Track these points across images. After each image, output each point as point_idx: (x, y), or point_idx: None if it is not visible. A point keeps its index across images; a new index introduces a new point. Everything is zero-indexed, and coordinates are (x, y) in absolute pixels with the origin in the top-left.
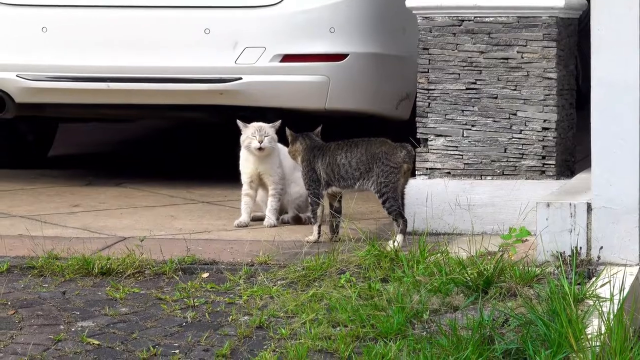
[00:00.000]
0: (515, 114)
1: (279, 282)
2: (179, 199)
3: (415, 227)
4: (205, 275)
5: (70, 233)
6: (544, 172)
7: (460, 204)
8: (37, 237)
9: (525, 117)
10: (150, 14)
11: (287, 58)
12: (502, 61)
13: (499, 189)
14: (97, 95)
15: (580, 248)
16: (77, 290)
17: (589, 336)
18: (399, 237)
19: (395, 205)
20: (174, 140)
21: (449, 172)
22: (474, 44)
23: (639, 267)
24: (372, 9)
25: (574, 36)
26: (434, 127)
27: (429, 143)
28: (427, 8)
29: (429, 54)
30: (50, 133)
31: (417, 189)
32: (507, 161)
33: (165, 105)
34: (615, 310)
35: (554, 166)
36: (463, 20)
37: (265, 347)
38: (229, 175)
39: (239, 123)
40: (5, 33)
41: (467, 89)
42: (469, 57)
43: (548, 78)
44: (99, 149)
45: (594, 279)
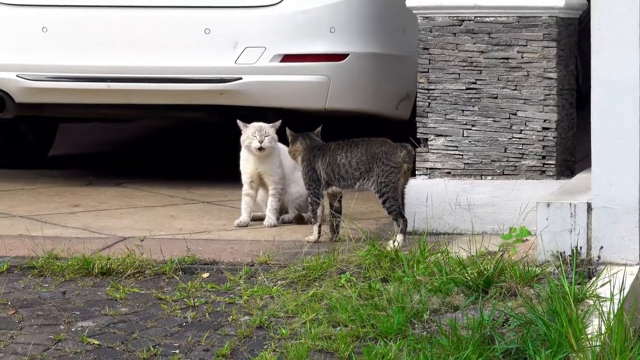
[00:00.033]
0: (515, 114)
1: (279, 282)
2: (179, 199)
3: (416, 227)
4: (205, 275)
5: (71, 233)
6: (544, 172)
7: (460, 203)
8: (37, 237)
9: (526, 117)
10: (150, 14)
11: (287, 58)
12: (502, 61)
13: (499, 188)
14: (97, 95)
15: (581, 248)
16: (77, 290)
17: (589, 336)
18: (399, 237)
19: (395, 205)
20: (174, 140)
21: (449, 172)
22: (474, 43)
23: (639, 266)
24: (372, 9)
25: (574, 36)
26: (434, 127)
27: (429, 143)
28: (427, 8)
29: (429, 54)
30: (51, 133)
31: (417, 188)
32: (507, 161)
33: (166, 105)
34: (615, 310)
35: (554, 166)
36: (463, 20)
37: (265, 347)
38: (229, 175)
39: (239, 123)
40: (5, 33)
41: (467, 88)
42: (469, 57)
43: (548, 78)
44: (99, 149)
45: (594, 278)
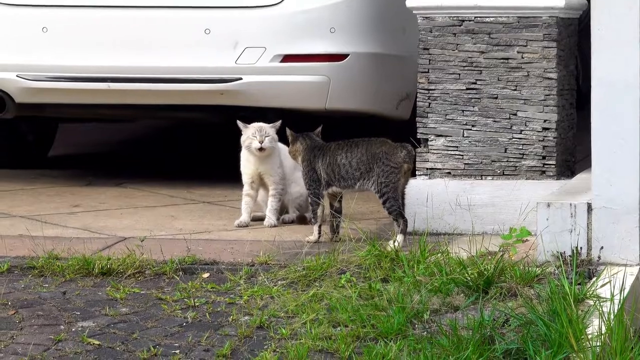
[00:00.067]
0: (515, 114)
1: (279, 282)
2: (180, 199)
3: (416, 227)
4: (205, 275)
5: (71, 233)
6: (544, 172)
7: (460, 204)
8: (37, 237)
9: (526, 117)
10: (150, 14)
11: (288, 58)
12: (503, 61)
13: (499, 189)
14: (97, 96)
15: (581, 248)
16: (78, 290)
17: (589, 336)
18: (399, 237)
19: (395, 205)
20: (174, 140)
21: (449, 172)
22: (474, 44)
23: (639, 267)
24: (372, 9)
25: (574, 36)
26: (434, 127)
27: (429, 143)
28: (428, 8)
29: (429, 54)
30: (50, 133)
31: (417, 189)
32: (507, 161)
33: (166, 105)
34: (615, 310)
35: (554, 166)
36: (463, 21)
37: (265, 347)
38: (229, 175)
39: (239, 124)
40: (5, 33)
41: (467, 89)
42: (469, 57)
43: (548, 78)
44: (99, 149)
45: (594, 279)
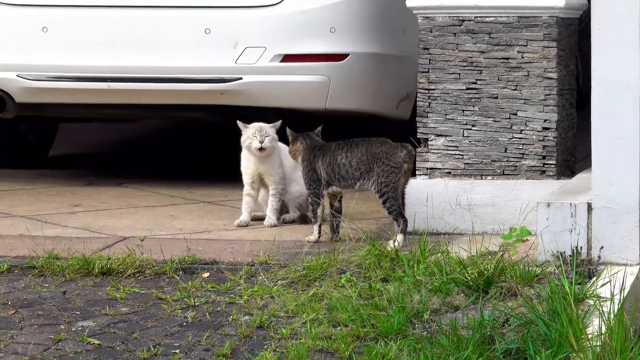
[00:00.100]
0: (515, 114)
1: (279, 282)
2: (180, 199)
3: (416, 226)
4: (205, 275)
5: (71, 233)
6: (544, 172)
7: (460, 203)
8: (37, 237)
9: (526, 117)
10: (150, 14)
11: (288, 58)
12: (503, 61)
13: (499, 188)
14: (97, 95)
15: (581, 248)
16: (78, 290)
17: (589, 336)
18: (399, 237)
19: (395, 205)
20: (174, 140)
21: (449, 172)
22: (475, 43)
23: (639, 266)
24: (372, 9)
25: (574, 36)
26: (434, 127)
27: (429, 143)
28: (428, 8)
29: (429, 54)
30: (51, 133)
31: (417, 188)
32: (507, 161)
33: (166, 105)
34: (615, 310)
35: (554, 166)
36: (463, 20)
37: (265, 346)
38: (229, 175)
39: (239, 124)
40: (5, 33)
41: (467, 88)
42: (469, 57)
43: (548, 78)
44: (100, 148)
45: (594, 278)
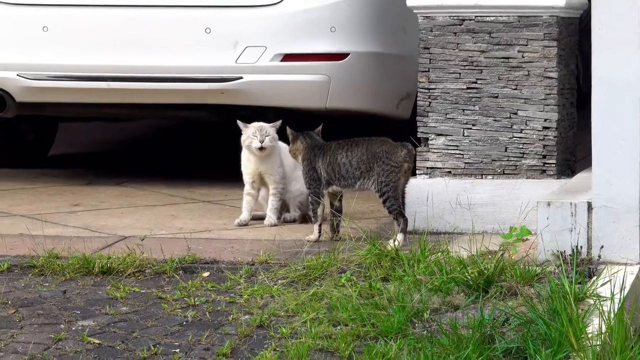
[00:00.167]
0: (516, 113)
1: (279, 281)
2: (180, 198)
3: (416, 226)
4: (205, 274)
5: (71, 232)
6: (544, 171)
7: (460, 203)
8: (37, 236)
9: (526, 116)
10: (151, 14)
11: (288, 57)
12: (503, 60)
13: (499, 188)
14: (97, 95)
15: (581, 247)
16: (78, 289)
17: (589, 335)
18: (399, 236)
19: (395, 205)
20: (174, 140)
21: (449, 172)
22: (475, 43)
23: (639, 266)
24: (372, 9)
25: (574, 35)
26: (434, 127)
27: (429, 142)
28: (428, 7)
29: (429, 53)
30: (51, 132)
31: (417, 188)
32: (507, 160)
33: (166, 104)
34: (615, 310)
35: (554, 165)
36: (464, 20)
37: (265, 346)
38: (229, 174)
39: (239, 123)
40: (6, 32)
41: (467, 88)
42: (469, 57)
43: (549, 77)
44: (100, 148)
45: (594, 278)
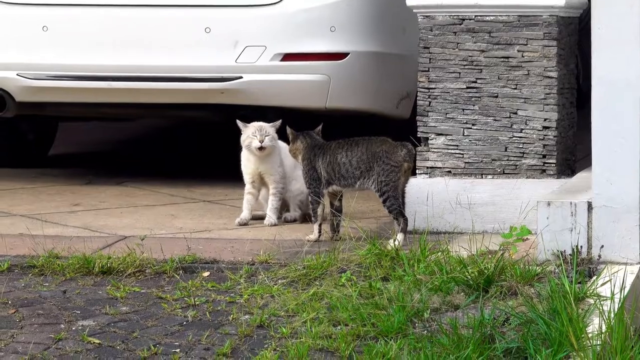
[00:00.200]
0: (515, 113)
1: (279, 281)
2: (180, 198)
3: (416, 226)
4: (206, 274)
5: (71, 232)
6: (544, 171)
7: (460, 202)
8: (37, 236)
9: (526, 116)
10: (151, 13)
11: (288, 57)
12: (503, 60)
13: (499, 187)
14: (97, 94)
15: (581, 247)
16: (78, 289)
17: (589, 335)
18: (399, 236)
19: (395, 204)
20: (174, 140)
21: (449, 171)
22: (475, 42)
23: (639, 265)
24: (372, 8)
25: (574, 35)
26: (434, 126)
27: (429, 142)
28: (428, 7)
29: (429, 53)
30: (51, 132)
31: (417, 187)
32: (507, 160)
33: (166, 104)
34: (616, 309)
35: (554, 165)
36: (464, 19)
37: (266, 346)
38: (229, 174)
39: (239, 123)
40: (5, 32)
41: (467, 87)
42: (469, 56)
43: (548, 77)
44: (100, 148)
45: (594, 277)
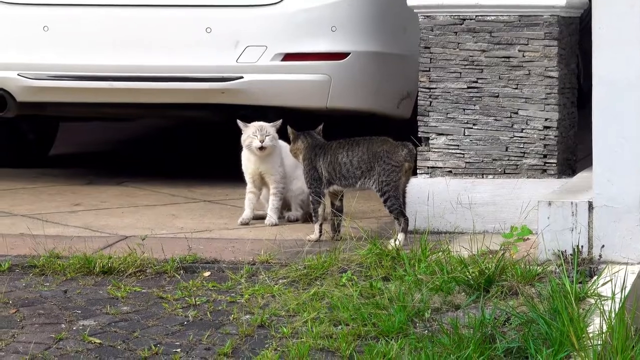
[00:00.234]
0: (516, 113)
1: (280, 281)
2: (180, 198)
3: (417, 225)
4: (206, 274)
5: (72, 232)
6: (545, 170)
7: (461, 202)
8: (38, 236)
9: (527, 115)
10: (151, 13)
11: (289, 57)
12: (504, 60)
13: (500, 187)
14: (98, 94)
15: (582, 247)
16: (79, 289)
17: (590, 335)
18: (400, 236)
19: (396, 204)
20: (174, 140)
21: (450, 171)
22: (476, 42)
23: None
24: (373, 8)
25: (575, 35)
26: (435, 126)
27: (430, 142)
28: (429, 7)
29: (430, 53)
30: (51, 132)
31: (418, 187)
32: (508, 160)
33: (167, 104)
34: (616, 309)
35: (555, 165)
36: (464, 19)
37: (266, 345)
38: (230, 174)
39: (240, 123)
40: (6, 32)
41: (468, 87)
42: (470, 56)
43: (549, 77)
44: (100, 148)
45: (595, 277)
